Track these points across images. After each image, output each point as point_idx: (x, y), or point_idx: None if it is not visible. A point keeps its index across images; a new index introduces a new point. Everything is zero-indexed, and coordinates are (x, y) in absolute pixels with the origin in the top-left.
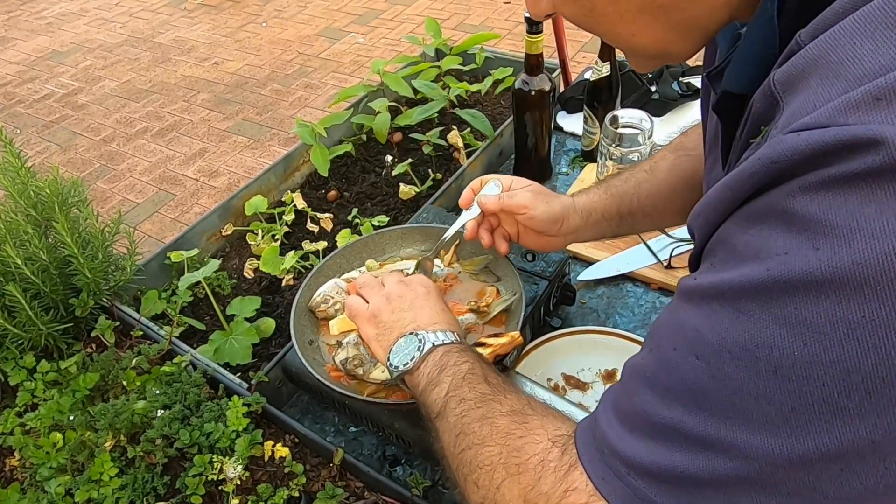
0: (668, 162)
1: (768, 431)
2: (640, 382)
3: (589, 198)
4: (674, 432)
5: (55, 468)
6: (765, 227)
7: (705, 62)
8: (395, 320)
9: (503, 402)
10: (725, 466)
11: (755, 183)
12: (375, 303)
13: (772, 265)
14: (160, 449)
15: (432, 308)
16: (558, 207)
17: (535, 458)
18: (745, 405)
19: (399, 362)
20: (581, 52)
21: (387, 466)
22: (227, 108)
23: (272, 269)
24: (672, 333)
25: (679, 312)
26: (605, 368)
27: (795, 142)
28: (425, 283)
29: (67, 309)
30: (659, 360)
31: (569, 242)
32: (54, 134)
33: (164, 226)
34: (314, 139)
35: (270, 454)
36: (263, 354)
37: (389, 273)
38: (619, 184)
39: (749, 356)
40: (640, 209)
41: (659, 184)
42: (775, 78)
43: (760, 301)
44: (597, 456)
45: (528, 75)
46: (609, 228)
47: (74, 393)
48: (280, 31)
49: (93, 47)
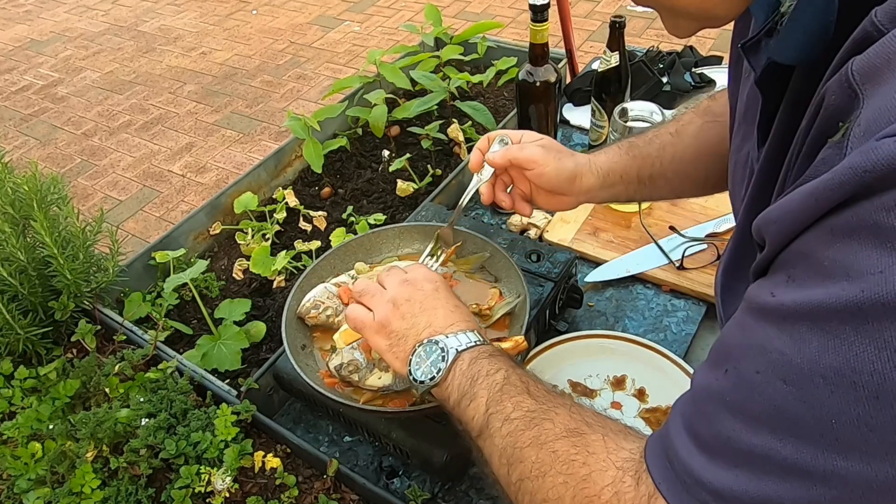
0: (695, 126)
1: (871, 458)
2: (720, 407)
3: (608, 157)
4: (765, 460)
5: (34, 480)
6: (854, 242)
7: (736, 34)
8: (408, 327)
9: (555, 420)
10: (826, 495)
11: (844, 193)
12: (382, 311)
13: (865, 285)
14: (144, 460)
15: (445, 306)
16: (571, 164)
17: (607, 489)
18: (845, 432)
19: (423, 376)
20: (588, 41)
21: (384, 478)
22: (216, 101)
23: (263, 270)
24: (753, 356)
25: (757, 332)
26: (614, 375)
27: (891, 149)
28: (431, 279)
29: (46, 312)
30: (740, 385)
31: (581, 202)
32: (33, 128)
33: (148, 224)
34: (307, 133)
35: (261, 465)
36: (253, 360)
37: (387, 271)
38: (643, 145)
39: (846, 382)
40: (662, 174)
41: (684, 148)
42: (854, 68)
43: (854, 324)
44: (678, 486)
45: (533, 66)
46: (625, 192)
47: (54, 401)
48: (271, 20)
49: (73, 36)
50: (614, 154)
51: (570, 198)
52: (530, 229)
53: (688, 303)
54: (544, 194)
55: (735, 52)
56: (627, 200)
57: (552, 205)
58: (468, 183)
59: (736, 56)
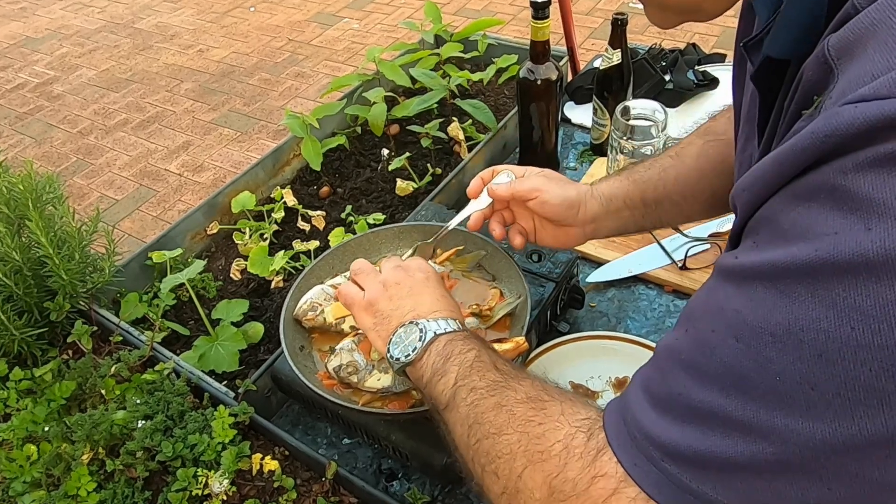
0: (695, 147)
1: (812, 416)
2: (675, 364)
3: (609, 184)
4: (712, 416)
5: (29, 483)
6: (814, 205)
7: (740, 33)
8: (394, 308)
9: (517, 388)
10: (766, 451)
11: (807, 158)
12: (372, 290)
13: (820, 245)
14: (141, 462)
15: (432, 294)
16: (574, 192)
17: (558, 444)
18: (788, 389)
19: (400, 353)
20: (590, 38)
21: (383, 481)
22: (213, 99)
23: (260, 271)
24: (710, 314)
25: (718, 292)
26: (616, 376)
27: (851, 114)
28: (424, 269)
29: (42, 313)
30: (696, 342)
31: (588, 235)
32: (28, 126)
33: (145, 224)
34: (305, 132)
35: (259, 468)
36: (251, 361)
37: (386, 258)
38: (643, 170)
39: (793, 340)
40: (667, 196)
41: (687, 170)
42: (829, 44)
43: (807, 283)
44: (628, 441)
45: (534, 63)
46: (632, 218)
47: (49, 402)
48: (269, 17)
49: (69, 33)
50: (614, 181)
51: (576, 229)
52: None
53: None
54: (549, 228)
55: (738, 53)
56: (637, 229)
57: (559, 239)
58: (469, 182)
59: (739, 56)
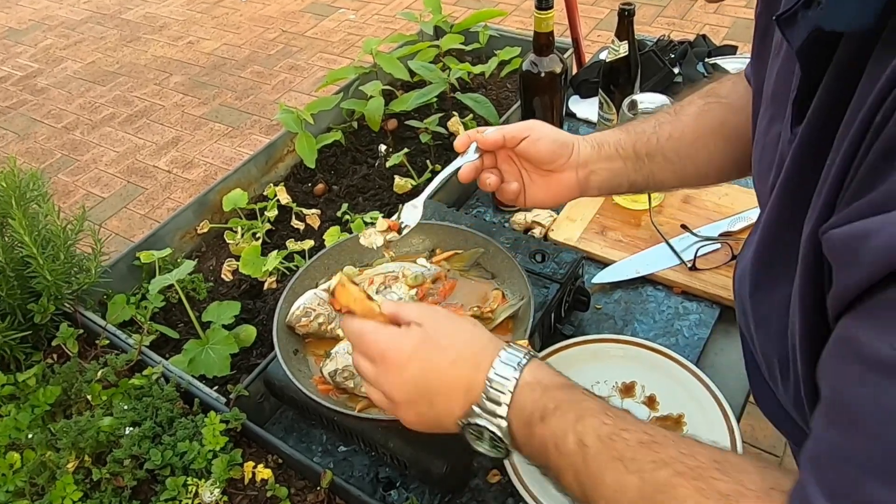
0: (695, 107)
1: None
2: (863, 472)
3: (600, 133)
4: None
5: (12, 492)
6: None
7: (764, 7)
8: (434, 416)
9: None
10: None
11: None
12: (398, 414)
13: None
14: (129, 470)
15: (441, 381)
16: (565, 134)
17: None
18: None
19: (491, 452)
20: (596, 29)
21: (380, 490)
22: (203, 93)
23: (253, 271)
24: (890, 418)
25: (890, 392)
26: (623, 381)
27: None
28: (403, 358)
29: (25, 315)
30: (882, 449)
31: (582, 183)
32: (11, 121)
33: (132, 223)
34: (299, 127)
35: (251, 476)
36: (243, 366)
37: (350, 353)
38: (637, 123)
39: None
40: (660, 151)
41: (682, 127)
42: None
43: None
44: None
45: (538, 55)
46: (624, 171)
47: (33, 408)
48: (262, 7)
49: (54, 24)
50: (606, 131)
51: (568, 174)
52: (534, 228)
53: (701, 305)
54: (540, 180)
55: (761, 28)
56: (630, 187)
57: (550, 189)
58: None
59: (762, 32)
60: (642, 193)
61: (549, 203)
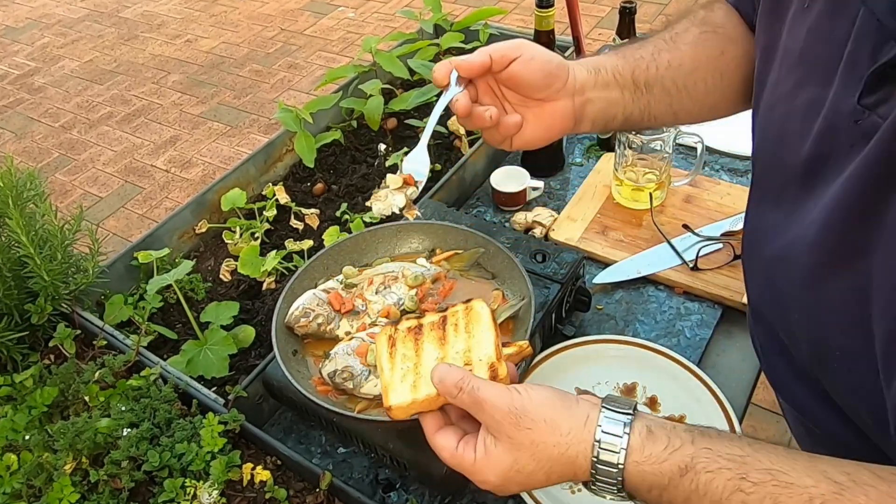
0: (691, 35)
1: None
2: None
3: (595, 58)
4: None
5: (9, 494)
6: None
7: None
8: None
9: None
10: None
11: None
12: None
13: None
14: (126, 472)
15: (548, 468)
16: (557, 57)
17: None
18: None
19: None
20: (597, 28)
21: (380, 492)
22: (202, 91)
23: (251, 271)
24: None
25: None
26: (624, 382)
27: None
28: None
29: (23, 316)
30: None
31: (578, 113)
32: (8, 120)
33: (130, 223)
34: (298, 126)
35: (250, 478)
36: (242, 367)
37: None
38: (634, 48)
39: None
40: (659, 81)
41: (681, 56)
42: None
43: None
44: None
45: None
46: (621, 101)
47: (30, 409)
48: (260, 5)
49: (51, 23)
50: (601, 56)
51: (564, 102)
52: (535, 228)
53: (702, 306)
54: (528, 111)
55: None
56: (625, 121)
57: (543, 121)
58: (470, 179)
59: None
60: (632, 130)
61: (539, 140)
